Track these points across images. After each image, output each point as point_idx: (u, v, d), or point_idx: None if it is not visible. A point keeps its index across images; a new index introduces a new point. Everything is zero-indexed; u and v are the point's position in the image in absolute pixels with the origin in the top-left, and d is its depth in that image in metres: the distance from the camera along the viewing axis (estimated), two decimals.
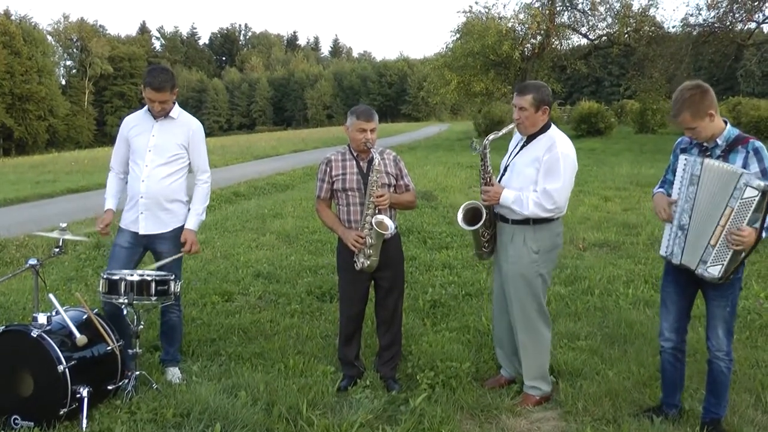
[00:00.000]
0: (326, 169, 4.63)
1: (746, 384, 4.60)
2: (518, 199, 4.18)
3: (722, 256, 3.58)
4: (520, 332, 4.41)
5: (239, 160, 25.69)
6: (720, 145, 3.69)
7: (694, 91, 3.63)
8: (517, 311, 4.38)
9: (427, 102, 62.44)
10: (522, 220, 4.25)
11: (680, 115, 3.65)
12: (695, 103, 3.61)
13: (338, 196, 4.63)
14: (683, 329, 4.04)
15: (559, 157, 4.14)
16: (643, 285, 6.99)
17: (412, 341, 5.41)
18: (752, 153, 3.60)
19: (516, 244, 4.30)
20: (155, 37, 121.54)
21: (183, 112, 4.83)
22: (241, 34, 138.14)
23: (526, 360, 4.44)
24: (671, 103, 3.76)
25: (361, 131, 4.45)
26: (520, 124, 4.29)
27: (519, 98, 4.26)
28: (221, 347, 5.35)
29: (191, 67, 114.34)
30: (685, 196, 3.72)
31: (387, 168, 4.58)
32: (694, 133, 3.69)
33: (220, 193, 14.79)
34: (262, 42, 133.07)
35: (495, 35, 28.94)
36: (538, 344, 4.43)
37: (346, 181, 4.55)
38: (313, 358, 5.11)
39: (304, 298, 6.72)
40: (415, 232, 9.79)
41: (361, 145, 4.48)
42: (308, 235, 9.96)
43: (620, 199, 13.18)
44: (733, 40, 27.23)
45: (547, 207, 4.13)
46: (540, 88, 4.29)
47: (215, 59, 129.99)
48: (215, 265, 8.09)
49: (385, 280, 4.66)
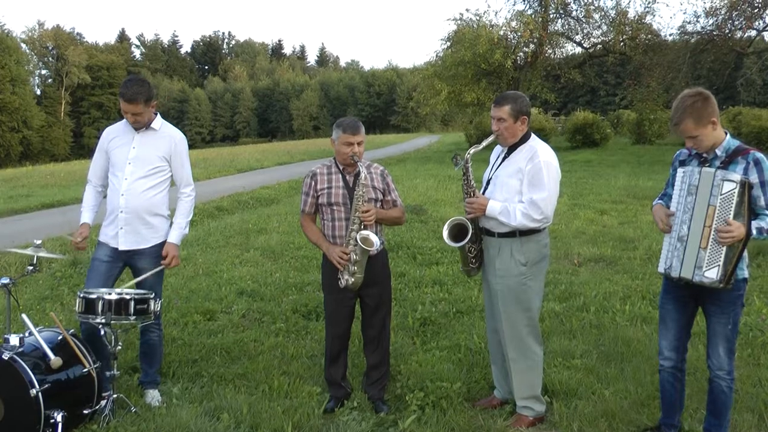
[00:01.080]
0: (311, 182, 4.65)
1: (749, 403, 4.61)
2: (505, 210, 4.23)
3: (716, 257, 3.59)
4: (509, 349, 4.43)
5: (222, 173, 25.65)
6: (720, 156, 3.72)
7: (696, 98, 3.66)
8: (507, 327, 4.40)
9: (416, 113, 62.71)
10: (508, 233, 4.29)
11: (682, 123, 3.67)
12: (697, 110, 3.64)
13: (323, 211, 4.64)
14: (683, 347, 4.05)
15: (542, 166, 4.22)
16: (641, 301, 7.02)
17: (401, 360, 5.42)
18: (752, 164, 3.63)
19: (503, 257, 4.33)
20: (135, 45, 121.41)
21: (165, 124, 4.84)
22: (224, 42, 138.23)
23: (516, 378, 4.45)
24: (671, 111, 3.78)
25: (347, 144, 4.48)
26: (500, 135, 4.36)
27: (497, 109, 4.34)
28: (203, 368, 5.33)
29: (172, 76, 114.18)
30: (683, 207, 3.74)
31: (374, 182, 4.60)
32: (696, 142, 3.71)
33: (202, 208, 14.77)
34: (246, 50, 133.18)
35: (486, 43, 29.01)
36: (528, 361, 4.44)
37: (331, 195, 4.56)
38: (299, 378, 5.10)
39: (290, 316, 6.71)
40: (404, 247, 9.81)
41: (347, 159, 4.50)
42: (294, 251, 9.96)
43: (617, 213, 13.23)
44: (732, 48, 27.37)
45: (534, 217, 4.18)
46: (517, 99, 4.36)
47: (197, 68, 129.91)
48: (197, 283, 8.08)
49: (371, 297, 4.67)
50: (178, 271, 8.49)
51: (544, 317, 6.46)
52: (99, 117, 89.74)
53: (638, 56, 30.47)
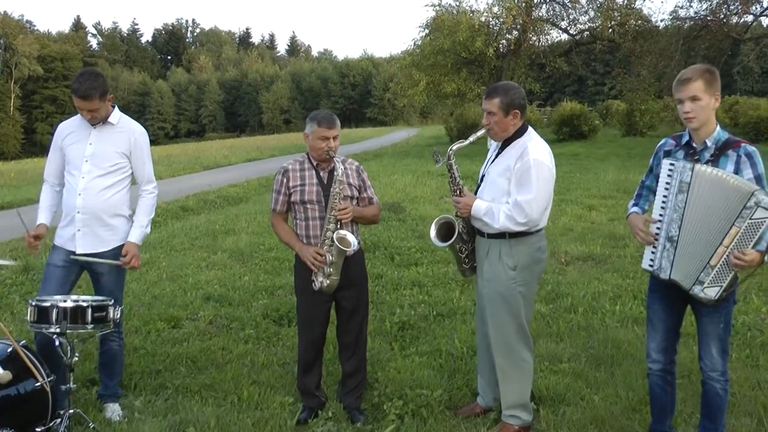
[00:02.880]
0: (283, 179, 4.64)
1: (747, 407, 4.66)
2: (489, 211, 4.23)
3: (722, 278, 3.60)
4: (497, 356, 4.44)
5: (187, 171, 25.48)
6: (709, 147, 3.74)
7: (712, 69, 3.75)
8: (495, 333, 4.41)
9: (394, 105, 62.77)
10: (497, 234, 4.28)
11: (694, 80, 3.68)
12: (710, 77, 3.70)
13: (296, 210, 4.64)
14: (672, 349, 4.07)
15: (531, 166, 4.16)
16: (632, 301, 7.07)
17: (379, 367, 5.43)
18: (744, 158, 3.65)
19: (491, 259, 4.33)
20: (91, 34, 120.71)
21: (124, 117, 4.80)
22: (188, 30, 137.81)
23: (504, 386, 4.46)
24: (680, 74, 3.78)
25: (322, 139, 4.48)
26: (490, 129, 4.34)
27: (486, 102, 4.30)
28: (167, 379, 5.30)
29: (133, 67, 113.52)
30: (673, 205, 3.73)
31: (349, 179, 4.62)
32: (696, 107, 3.69)
33: (166, 208, 14.67)
34: (212, 40, 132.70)
35: (467, 31, 29.04)
36: (517, 369, 4.45)
37: (304, 192, 4.56)
38: (270, 388, 5.10)
39: (260, 322, 6.70)
40: (382, 247, 9.82)
41: (322, 154, 4.51)
42: (264, 252, 9.93)
43: (606, 208, 13.30)
44: (728, 35, 27.56)
45: (518, 220, 4.15)
46: (509, 91, 4.30)
47: (159, 59, 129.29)
48: (160, 288, 8.03)
49: (347, 300, 4.68)
50: (140, 276, 8.44)
51: (531, 319, 6.47)
52: (53, 112, 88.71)
53: (628, 43, 30.61)
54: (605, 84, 60.42)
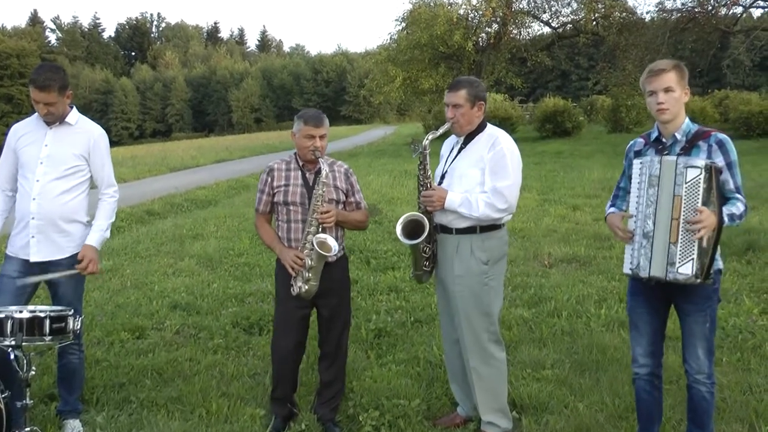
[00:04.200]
0: (267, 179, 4.65)
1: (738, 412, 4.69)
2: (466, 201, 4.27)
3: (689, 250, 3.61)
4: (471, 358, 4.46)
5: (153, 173, 25.40)
6: (680, 140, 3.80)
7: (679, 62, 3.84)
8: (467, 333, 4.43)
9: (369, 102, 62.79)
10: (467, 229, 4.34)
11: (667, 73, 3.76)
12: (683, 70, 3.80)
13: (279, 211, 4.64)
14: (659, 352, 4.09)
15: (505, 153, 4.30)
16: (618, 304, 7.10)
17: (354, 377, 5.42)
18: (716, 146, 3.71)
19: (462, 255, 4.37)
20: (50, 29, 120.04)
21: (83, 118, 4.76)
22: (152, 25, 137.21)
23: (480, 390, 4.48)
24: (650, 66, 3.86)
25: (309, 138, 4.49)
26: (456, 122, 4.41)
27: (452, 95, 4.40)
28: (131, 392, 5.25)
29: (94, 64, 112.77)
30: (645, 200, 3.76)
31: (336, 182, 4.62)
32: (669, 99, 3.75)
33: (130, 212, 14.60)
34: (178, 35, 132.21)
35: (444, 24, 29.17)
36: (492, 369, 4.47)
37: (288, 193, 4.56)
38: (240, 400, 5.07)
39: (229, 331, 6.67)
40: (357, 251, 9.83)
41: (308, 154, 4.51)
42: (234, 258, 9.90)
43: (591, 208, 13.38)
44: (716, 27, 27.74)
45: (499, 207, 4.24)
46: (473, 83, 4.45)
47: (123, 55, 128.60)
48: (124, 297, 7.98)
49: (327, 308, 4.68)
50: (102, 284, 8.39)
51: (512, 324, 6.52)
52: (9, 111, 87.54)
53: (612, 36, 30.86)
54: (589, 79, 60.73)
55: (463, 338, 4.46)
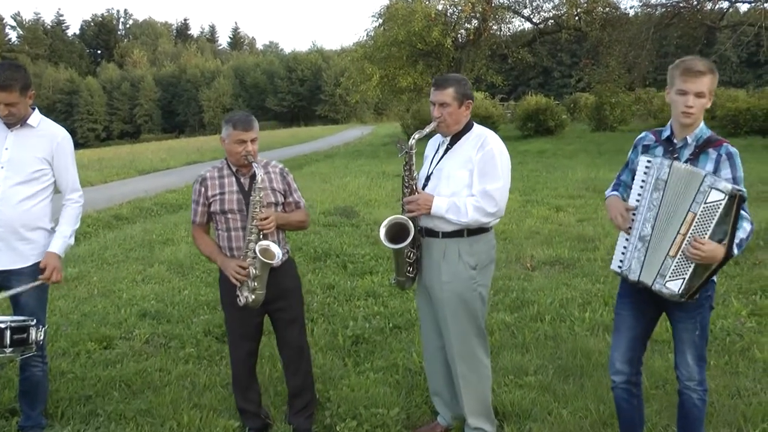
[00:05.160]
0: (200, 189, 4.60)
1: (726, 417, 4.73)
2: (453, 206, 4.24)
3: (683, 269, 3.62)
4: (459, 363, 4.46)
5: (121, 176, 25.23)
6: (690, 144, 3.77)
7: (714, 66, 3.77)
8: (456, 339, 4.42)
9: (345, 101, 62.73)
10: (454, 233, 4.32)
11: (704, 76, 3.68)
12: (715, 76, 3.74)
13: (217, 220, 4.60)
14: (638, 360, 4.09)
15: (495, 154, 4.28)
16: (602, 307, 7.15)
17: (331, 385, 5.42)
18: (725, 157, 3.69)
19: (450, 260, 4.35)
20: (10, 26, 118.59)
21: (45, 120, 4.71)
22: (119, 22, 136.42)
23: (467, 395, 4.49)
24: (690, 61, 3.74)
25: (239, 143, 4.43)
26: (442, 122, 4.37)
27: (439, 93, 4.34)
28: (98, 405, 5.22)
29: (58, 63, 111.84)
30: (648, 203, 3.75)
31: (273, 183, 4.59)
32: (698, 104, 3.70)
33: (97, 217, 14.50)
34: (146, 32, 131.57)
35: (422, 20, 29.21)
36: (479, 374, 4.49)
37: (224, 201, 4.52)
38: (213, 411, 5.05)
39: (201, 339, 6.65)
40: (333, 255, 9.82)
41: (240, 159, 4.47)
42: (205, 263, 9.83)
43: (574, 209, 13.47)
44: (702, 22, 27.92)
45: (489, 210, 4.23)
46: (460, 81, 4.40)
47: (88, 53, 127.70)
48: (91, 305, 7.92)
49: (280, 312, 4.67)
50: (68, 293, 8.32)
51: (494, 329, 6.54)
52: None
53: (595, 32, 31.01)
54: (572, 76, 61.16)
55: (450, 345, 4.46)
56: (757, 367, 5.57)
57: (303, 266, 8.94)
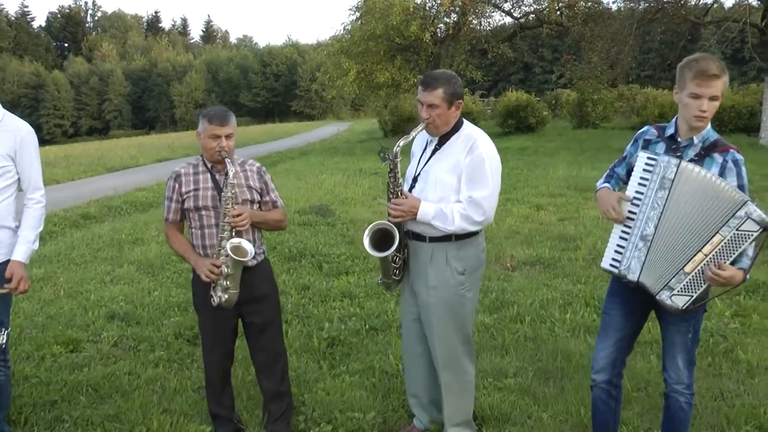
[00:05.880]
0: (174, 185, 4.57)
1: (709, 419, 4.78)
2: (440, 214, 4.20)
3: (694, 287, 3.61)
4: (443, 370, 4.46)
5: (89, 174, 25.11)
6: (695, 145, 3.74)
7: (725, 66, 3.70)
8: (441, 346, 4.42)
9: (322, 97, 62.71)
10: (442, 237, 4.27)
11: (719, 79, 3.62)
12: (727, 76, 3.69)
13: (190, 217, 4.57)
14: (621, 361, 4.10)
15: (484, 159, 4.20)
16: (584, 308, 7.19)
17: (305, 389, 5.42)
18: (731, 164, 3.66)
19: (437, 265, 4.33)
20: None
21: (8, 115, 4.67)
22: (87, 14, 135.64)
23: (449, 404, 4.50)
24: (704, 61, 3.66)
25: (214, 138, 4.41)
26: (431, 124, 4.28)
27: (427, 94, 4.22)
28: (64, 411, 5.18)
29: (23, 56, 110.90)
30: (651, 201, 3.72)
31: (249, 181, 4.57)
32: (711, 108, 3.65)
33: (64, 216, 14.42)
34: (115, 24, 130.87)
35: (401, 14, 29.17)
36: (464, 383, 4.50)
37: (198, 198, 4.50)
38: (183, 416, 5.04)
39: (172, 342, 6.62)
40: (308, 255, 9.81)
41: (215, 155, 4.44)
42: (176, 264, 9.80)
43: (555, 207, 13.53)
44: (686, 18, 27.93)
45: (475, 219, 4.18)
46: (450, 80, 4.27)
47: (55, 46, 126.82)
48: (57, 307, 7.87)
49: (254, 315, 4.65)
50: (32, 294, 8.25)
51: (473, 331, 6.53)
52: None
53: (577, 27, 31.10)
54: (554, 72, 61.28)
55: (435, 352, 4.45)
56: (741, 368, 5.63)
57: (277, 266, 8.92)
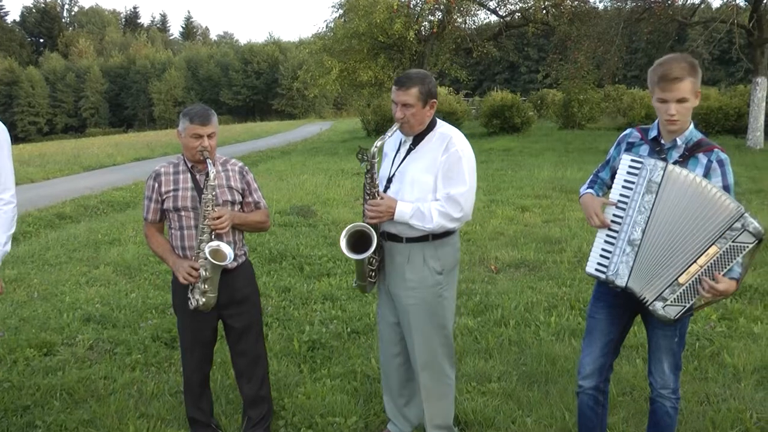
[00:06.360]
0: (154, 184, 4.56)
1: (694, 424, 4.80)
2: (418, 212, 4.22)
3: (687, 298, 3.61)
4: (423, 373, 4.47)
5: (64, 173, 25.01)
6: (679, 146, 3.75)
7: (693, 61, 3.67)
8: (421, 349, 4.43)
9: (304, 95, 62.57)
10: (419, 237, 4.29)
11: (682, 81, 3.61)
12: (698, 74, 3.66)
13: (170, 218, 4.56)
14: (608, 366, 4.11)
15: (461, 156, 4.23)
16: (569, 311, 7.22)
17: (285, 393, 5.41)
18: (716, 165, 3.66)
19: (415, 265, 4.34)
20: None
21: None
22: (64, 9, 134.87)
23: (430, 407, 4.51)
24: (666, 63, 3.67)
25: (196, 137, 4.40)
26: (405, 123, 4.31)
27: (402, 93, 4.25)
28: (37, 416, 5.16)
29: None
30: (638, 205, 3.71)
31: (230, 181, 4.56)
32: (681, 109, 3.66)
33: (38, 216, 14.36)
34: (93, 20, 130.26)
35: (384, 12, 29.16)
36: (443, 387, 4.51)
37: (178, 198, 4.49)
38: (160, 421, 5.03)
39: (149, 345, 6.59)
40: (289, 257, 9.81)
41: (196, 155, 4.43)
42: (154, 265, 9.78)
43: (540, 209, 13.55)
44: (673, 18, 28.06)
45: (454, 216, 4.21)
46: (425, 79, 4.31)
47: (30, 42, 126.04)
48: (31, 309, 7.84)
49: (234, 319, 4.64)
50: (5, 296, 8.21)
51: (456, 334, 6.56)
52: None
53: (563, 26, 31.15)
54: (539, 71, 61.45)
55: (414, 354, 4.46)
56: (727, 372, 5.66)
57: (258, 268, 8.90)
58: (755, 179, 16.32)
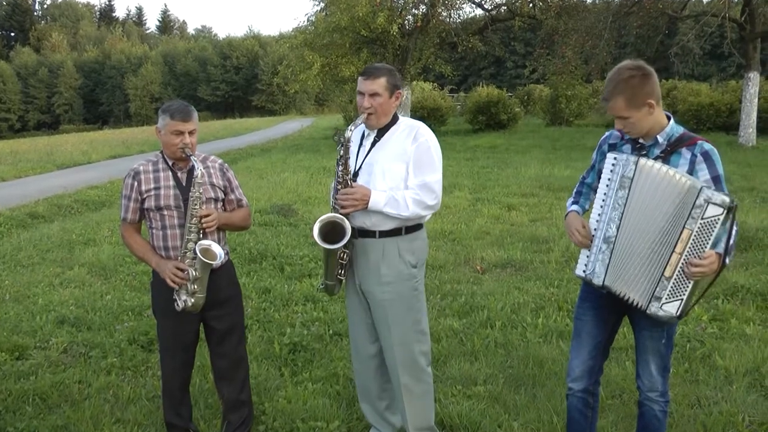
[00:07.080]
0: (133, 183, 4.52)
1: (685, 427, 4.83)
2: (392, 200, 4.27)
3: (680, 289, 3.58)
4: (402, 374, 4.47)
5: (37, 171, 24.88)
6: (660, 143, 3.75)
7: (634, 73, 3.65)
8: (397, 347, 4.44)
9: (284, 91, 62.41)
10: (391, 231, 4.35)
11: (612, 99, 3.68)
12: (632, 87, 3.64)
13: (151, 217, 4.54)
14: (598, 368, 4.13)
15: (430, 146, 4.35)
16: (556, 313, 7.24)
17: (266, 397, 5.41)
18: (701, 157, 3.65)
19: (390, 260, 4.37)
20: None
21: None
22: (36, 2, 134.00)
23: (411, 409, 4.52)
24: (605, 83, 3.78)
25: (176, 134, 4.38)
26: (373, 113, 4.38)
27: (370, 82, 4.35)
28: (8, 422, 5.14)
29: None
30: (612, 202, 3.73)
31: (212, 178, 4.55)
32: (627, 124, 3.72)
33: (9, 215, 14.30)
34: (66, 13, 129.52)
35: (367, 5, 29.12)
36: (423, 385, 4.53)
37: (160, 197, 4.46)
38: (137, 426, 5.02)
39: (125, 348, 6.57)
40: (269, 257, 9.80)
41: (177, 152, 4.42)
42: (130, 266, 9.75)
43: (527, 208, 13.60)
44: (663, 11, 28.15)
45: (428, 203, 4.29)
46: (391, 70, 4.44)
47: (1, 36, 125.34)
48: (2, 311, 7.82)
49: (218, 320, 4.63)
50: None
51: (441, 336, 6.58)
52: None
53: (550, 20, 31.15)
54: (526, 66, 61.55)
55: (392, 352, 4.47)
56: (719, 374, 5.69)
57: (237, 268, 8.80)
58: (747, 177, 16.41)
